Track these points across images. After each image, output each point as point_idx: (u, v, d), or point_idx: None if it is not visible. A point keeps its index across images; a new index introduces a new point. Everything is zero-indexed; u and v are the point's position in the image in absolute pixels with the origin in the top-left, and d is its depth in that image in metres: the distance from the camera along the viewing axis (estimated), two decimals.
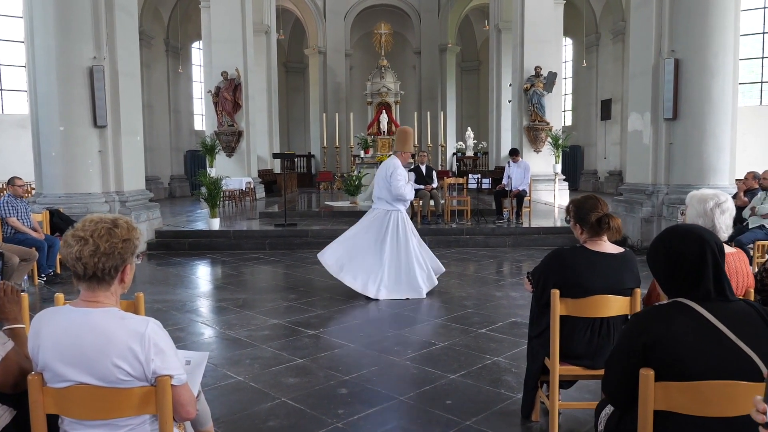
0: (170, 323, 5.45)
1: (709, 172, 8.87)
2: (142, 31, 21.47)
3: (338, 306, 6.07)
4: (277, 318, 5.59)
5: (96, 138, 9.09)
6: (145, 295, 6.60)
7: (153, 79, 22.37)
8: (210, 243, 9.84)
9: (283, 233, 10.13)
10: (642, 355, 1.78)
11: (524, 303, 6.13)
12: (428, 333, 5.17)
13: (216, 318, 5.72)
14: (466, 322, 5.40)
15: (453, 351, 4.58)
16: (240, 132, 17.00)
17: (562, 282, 2.85)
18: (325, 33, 25.77)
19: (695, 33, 8.80)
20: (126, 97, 9.48)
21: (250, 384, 3.93)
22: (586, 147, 23.51)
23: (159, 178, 22.61)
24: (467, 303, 6.12)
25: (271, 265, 8.55)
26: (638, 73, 9.83)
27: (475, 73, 29.47)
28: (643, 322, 1.83)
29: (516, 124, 17.15)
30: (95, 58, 8.95)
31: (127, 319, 1.79)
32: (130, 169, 9.59)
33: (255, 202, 16.29)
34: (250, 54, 17.51)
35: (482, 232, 10.23)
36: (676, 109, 8.97)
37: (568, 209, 3.00)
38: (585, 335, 2.89)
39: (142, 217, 9.65)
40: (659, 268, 1.90)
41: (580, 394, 3.64)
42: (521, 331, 5.06)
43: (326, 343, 4.80)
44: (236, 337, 5.00)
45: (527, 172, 11.14)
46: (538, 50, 16.47)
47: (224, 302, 6.30)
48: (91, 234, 1.78)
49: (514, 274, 7.85)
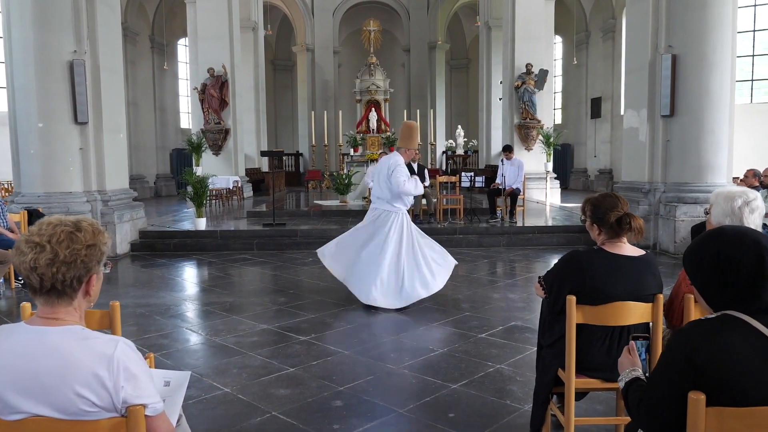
0: (153, 329, 5.17)
1: (707, 169, 8.71)
2: (126, 27, 21.11)
3: (330, 309, 5.81)
4: (266, 323, 5.32)
5: (77, 135, 8.75)
6: (128, 299, 6.33)
7: (138, 76, 21.96)
8: (196, 243, 9.53)
9: (271, 233, 9.85)
10: (691, 378, 1.54)
11: (523, 305, 5.92)
12: (425, 338, 4.93)
13: (202, 323, 5.44)
14: (465, 326, 5.16)
15: (453, 358, 4.33)
16: (227, 130, 16.68)
17: (578, 287, 2.61)
18: (313, 30, 25.49)
19: (693, 27, 8.62)
20: (108, 93, 9.15)
21: (238, 396, 3.66)
22: (576, 145, 23.40)
23: (144, 177, 22.23)
24: (464, 306, 5.89)
25: (259, 267, 8.27)
26: (634, 69, 9.65)
27: (464, 71, 29.30)
28: (690, 340, 1.58)
29: (507, 121, 16.95)
30: (75, 52, 8.62)
31: (91, 339, 1.51)
32: (112, 168, 9.26)
33: (243, 201, 15.97)
34: (237, 51, 17.18)
35: (476, 231, 10.01)
36: (674, 105, 8.80)
37: (584, 208, 2.76)
38: (603, 345, 2.65)
39: (126, 216, 9.33)
40: (705, 277, 1.66)
41: (591, 405, 3.42)
42: (522, 335, 4.85)
43: (318, 350, 4.54)
44: (223, 343, 4.73)
45: (521, 170, 10.94)
46: (529, 47, 16.27)
47: (210, 306, 6.02)
48: (48, 239, 1.50)
49: (509, 275, 7.63)
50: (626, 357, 1.97)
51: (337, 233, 9.59)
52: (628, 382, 1.88)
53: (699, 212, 8.50)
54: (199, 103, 16.71)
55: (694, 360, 1.54)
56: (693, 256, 1.70)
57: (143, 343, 4.72)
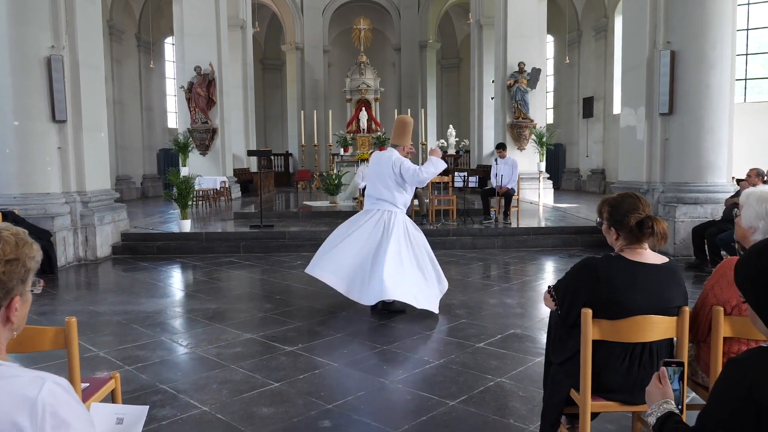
0: (130, 338, 4.84)
1: (707, 169, 8.47)
2: (112, 25, 20.69)
3: (318, 317, 5.51)
4: (250, 332, 5.01)
5: (55, 134, 8.39)
6: (105, 306, 5.99)
7: (124, 75, 21.54)
8: (180, 246, 9.19)
9: (258, 235, 9.52)
10: (755, 420, 1.26)
11: (521, 312, 5.64)
12: (420, 348, 4.63)
13: (182, 332, 5.11)
14: (461, 334, 4.88)
15: (449, 370, 4.04)
16: (214, 129, 16.33)
17: (595, 299, 2.32)
18: (302, 29, 25.17)
19: (692, 24, 8.39)
20: (88, 90, 8.79)
21: (217, 416, 3.35)
22: (568, 145, 23.20)
23: (131, 178, 21.83)
24: (459, 312, 5.60)
25: (245, 270, 7.96)
26: (631, 66, 9.40)
27: (455, 71, 29.06)
28: (749, 373, 1.30)
29: (499, 121, 16.71)
30: (53, 47, 8.26)
31: (9, 378, 1.20)
32: (93, 168, 8.90)
33: (230, 202, 15.62)
34: (225, 49, 16.84)
35: (469, 233, 9.73)
36: (672, 103, 8.56)
37: (601, 210, 2.48)
38: (623, 364, 2.36)
39: (107, 218, 8.98)
40: (764, 294, 1.38)
41: (601, 424, 3.14)
42: (522, 345, 4.56)
43: (306, 363, 4.23)
44: (203, 355, 4.42)
45: (515, 169, 10.66)
46: (521, 46, 16.05)
47: (192, 313, 5.69)
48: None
49: (505, 279, 7.35)
50: (656, 386, 1.68)
51: (327, 235, 9.28)
52: (661, 418, 1.59)
53: (699, 213, 8.27)
54: (185, 102, 16.34)
55: (756, 398, 1.26)
56: (749, 268, 1.42)
57: (118, 355, 4.41)
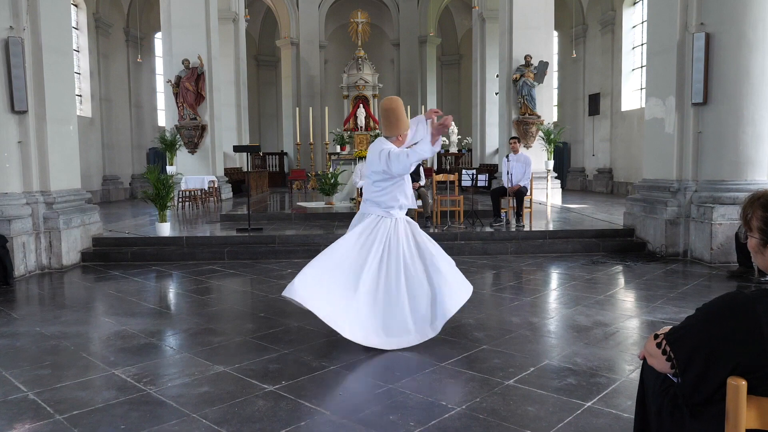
0: (73, 372, 3.89)
1: (746, 165, 7.56)
2: (98, 18, 19.74)
3: (309, 341, 4.57)
4: (223, 362, 4.07)
5: (14, 126, 7.45)
6: (56, 326, 4.94)
7: (111, 70, 20.60)
8: (157, 252, 8.24)
9: (245, 240, 8.58)
10: None
11: (553, 333, 4.71)
12: (434, 388, 3.66)
13: (140, 363, 4.14)
14: (484, 366, 3.94)
15: (476, 421, 3.10)
16: (203, 126, 15.38)
17: (750, 364, 1.41)
18: (298, 23, 24.26)
19: (729, 2, 7.48)
20: (54, 77, 7.85)
21: None
22: (573, 144, 22.31)
23: (119, 178, 20.92)
24: (479, 335, 4.67)
25: (228, 280, 7.02)
26: (658, 51, 8.48)
27: (455, 67, 28.17)
28: None
29: (504, 117, 15.79)
30: (12, 28, 7.32)
31: None
32: (59, 165, 7.96)
33: (220, 203, 14.67)
34: (215, 41, 15.91)
35: (479, 236, 8.81)
36: (707, 91, 7.65)
37: (748, 216, 1.57)
38: None
39: (75, 221, 8.03)
40: None
41: None
42: (563, 382, 3.63)
43: (288, 409, 3.29)
44: (160, 398, 3.47)
45: (528, 166, 9.72)
46: (527, 38, 15.15)
47: (156, 336, 4.76)
48: None
49: (525, 291, 6.42)
50: None
51: (321, 239, 8.41)
52: None
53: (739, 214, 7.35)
54: (173, 97, 15.39)
55: None
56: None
57: (51, 398, 3.46)
